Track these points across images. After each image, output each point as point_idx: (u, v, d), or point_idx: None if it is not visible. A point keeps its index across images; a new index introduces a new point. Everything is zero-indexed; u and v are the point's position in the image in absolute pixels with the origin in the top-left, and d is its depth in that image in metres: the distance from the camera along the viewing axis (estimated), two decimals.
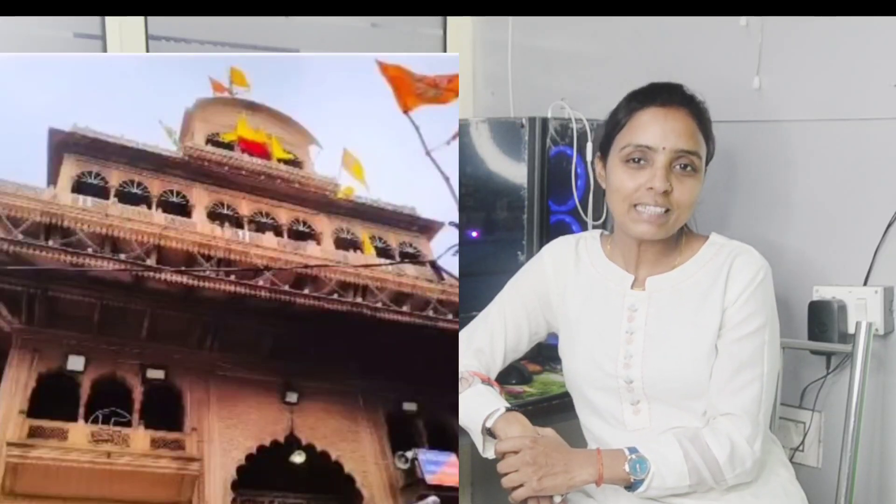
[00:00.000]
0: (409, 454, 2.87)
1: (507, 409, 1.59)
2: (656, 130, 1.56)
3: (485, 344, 1.74)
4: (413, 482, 2.82)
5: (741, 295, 1.56)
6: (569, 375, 1.72)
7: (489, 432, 1.58)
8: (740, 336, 1.56)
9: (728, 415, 1.55)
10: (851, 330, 1.83)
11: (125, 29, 2.03)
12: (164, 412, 2.88)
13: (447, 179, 1.63)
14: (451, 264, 2.21)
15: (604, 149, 1.65)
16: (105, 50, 2.02)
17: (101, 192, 3.37)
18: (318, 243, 3.63)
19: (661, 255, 1.64)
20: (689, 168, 1.56)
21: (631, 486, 1.52)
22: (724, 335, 1.57)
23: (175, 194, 3.55)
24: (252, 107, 4.06)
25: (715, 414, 1.57)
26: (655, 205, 1.55)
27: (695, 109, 1.59)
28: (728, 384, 1.56)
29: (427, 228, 3.98)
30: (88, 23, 2.02)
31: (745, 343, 1.56)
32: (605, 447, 1.62)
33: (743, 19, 1.99)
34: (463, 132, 2.17)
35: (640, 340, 1.61)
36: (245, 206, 3.65)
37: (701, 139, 1.58)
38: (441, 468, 2.78)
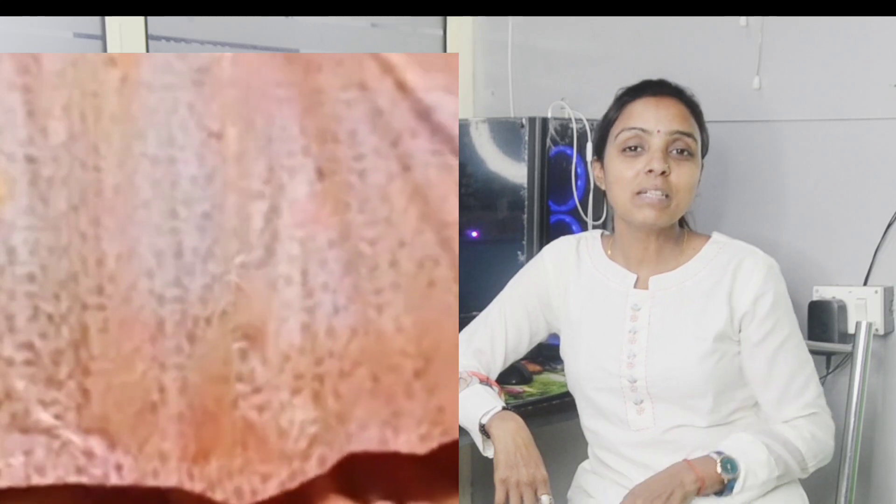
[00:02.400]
0: None
1: (503, 409, 1.59)
2: (650, 115, 1.58)
3: (485, 344, 1.74)
4: None
5: (758, 303, 1.57)
6: (571, 376, 1.72)
7: (484, 430, 1.58)
8: (777, 346, 1.58)
9: (799, 418, 1.59)
10: (851, 330, 1.83)
11: (125, 29, 2.02)
12: None
13: None
14: None
15: (599, 150, 1.66)
16: (105, 50, 2.02)
17: None
18: None
19: (662, 254, 1.64)
20: (685, 152, 1.58)
21: (724, 489, 1.54)
22: (760, 348, 1.59)
23: None
24: None
25: (778, 422, 1.60)
26: (656, 188, 1.55)
27: (685, 99, 1.62)
28: (787, 391, 1.59)
29: None
30: (88, 23, 2.02)
31: (784, 351, 1.59)
32: (609, 447, 1.64)
33: (743, 19, 1.98)
34: (463, 132, 2.17)
35: (643, 339, 1.61)
36: None
37: (694, 125, 1.60)
38: None
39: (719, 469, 1.53)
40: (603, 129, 1.66)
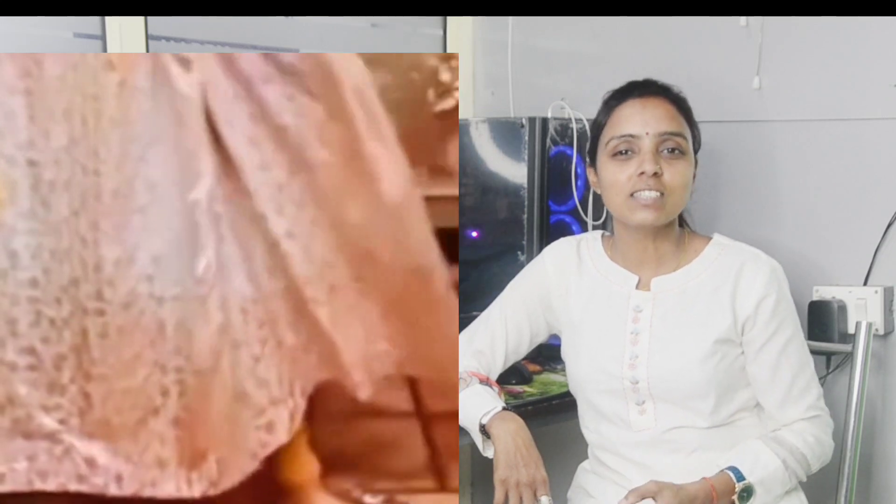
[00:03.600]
0: None
1: (504, 409, 1.59)
2: (637, 119, 1.58)
3: (485, 345, 1.75)
4: None
5: (760, 307, 1.58)
6: (572, 378, 1.72)
7: (484, 430, 1.58)
8: (780, 349, 1.59)
9: (801, 420, 1.60)
10: (851, 330, 1.84)
11: (125, 29, 2.02)
12: None
13: None
14: None
15: (592, 155, 1.66)
16: (105, 50, 2.02)
17: None
18: None
19: (664, 256, 1.64)
20: (676, 151, 1.58)
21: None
22: (763, 352, 1.59)
23: None
24: None
25: (780, 424, 1.61)
26: (649, 189, 1.55)
27: (672, 97, 1.61)
28: (789, 394, 1.59)
29: None
30: (88, 23, 2.02)
31: (787, 354, 1.59)
32: (610, 448, 1.64)
33: (743, 19, 1.98)
34: (463, 132, 2.17)
35: (645, 341, 1.62)
36: None
37: (683, 122, 1.60)
38: None
39: (735, 496, 1.53)
40: (593, 135, 1.66)
